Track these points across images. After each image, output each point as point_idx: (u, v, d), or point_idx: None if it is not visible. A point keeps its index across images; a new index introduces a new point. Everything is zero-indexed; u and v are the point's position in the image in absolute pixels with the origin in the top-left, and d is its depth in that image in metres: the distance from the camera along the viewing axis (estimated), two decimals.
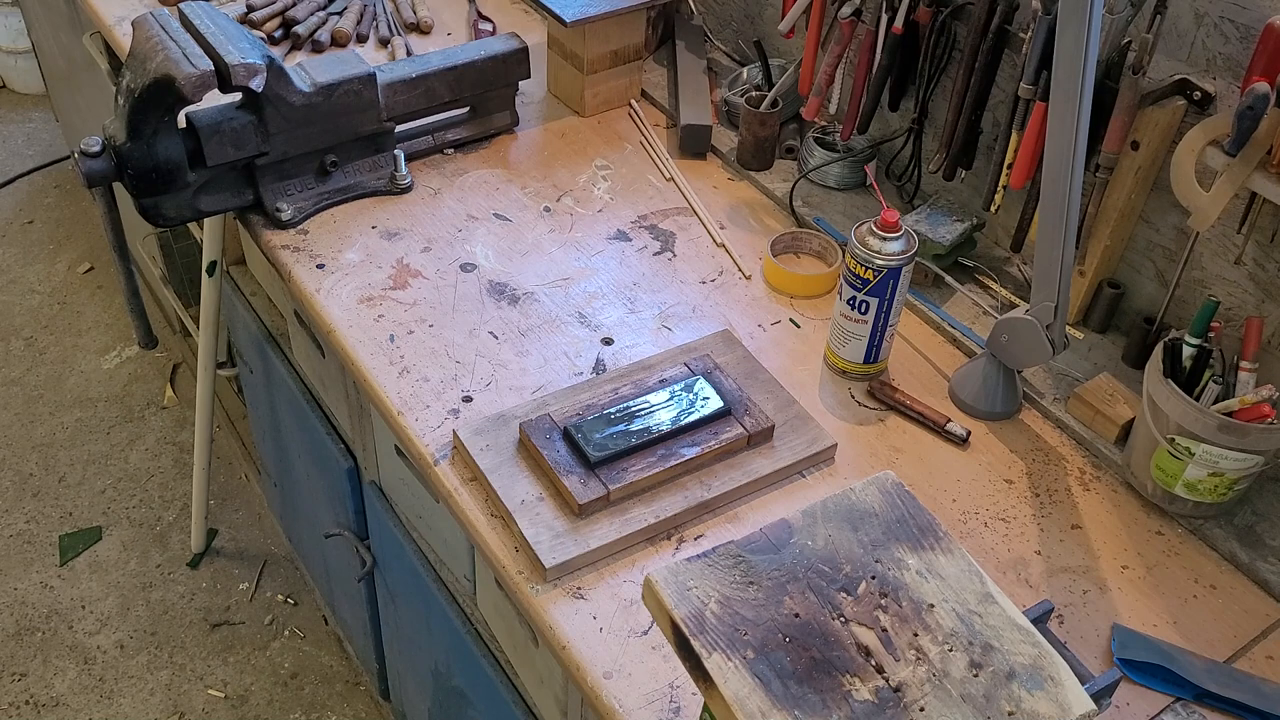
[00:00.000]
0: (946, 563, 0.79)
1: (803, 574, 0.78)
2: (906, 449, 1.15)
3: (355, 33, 1.68)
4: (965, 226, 1.32)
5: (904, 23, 1.30)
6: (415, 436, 1.12)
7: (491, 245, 1.36)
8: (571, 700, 1.13)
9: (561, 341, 1.24)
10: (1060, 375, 1.23)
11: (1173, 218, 1.19)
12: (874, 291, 1.14)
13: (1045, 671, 0.73)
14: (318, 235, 1.35)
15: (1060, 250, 1.06)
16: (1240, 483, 1.05)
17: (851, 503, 0.82)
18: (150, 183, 1.25)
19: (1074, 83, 0.97)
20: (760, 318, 1.29)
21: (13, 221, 3.07)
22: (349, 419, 1.50)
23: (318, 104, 1.31)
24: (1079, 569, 1.05)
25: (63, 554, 2.29)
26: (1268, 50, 1.00)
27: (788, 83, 1.49)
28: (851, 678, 0.72)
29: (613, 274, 1.33)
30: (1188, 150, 1.09)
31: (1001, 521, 1.09)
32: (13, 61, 3.42)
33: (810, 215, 1.43)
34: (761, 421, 1.10)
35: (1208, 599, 1.03)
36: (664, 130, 1.58)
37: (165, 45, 1.21)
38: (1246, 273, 1.14)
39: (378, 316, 1.25)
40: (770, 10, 1.63)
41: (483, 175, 1.47)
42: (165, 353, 2.69)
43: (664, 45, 1.72)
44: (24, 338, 2.74)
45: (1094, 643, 0.99)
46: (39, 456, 2.47)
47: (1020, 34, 1.20)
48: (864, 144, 1.47)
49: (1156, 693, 0.96)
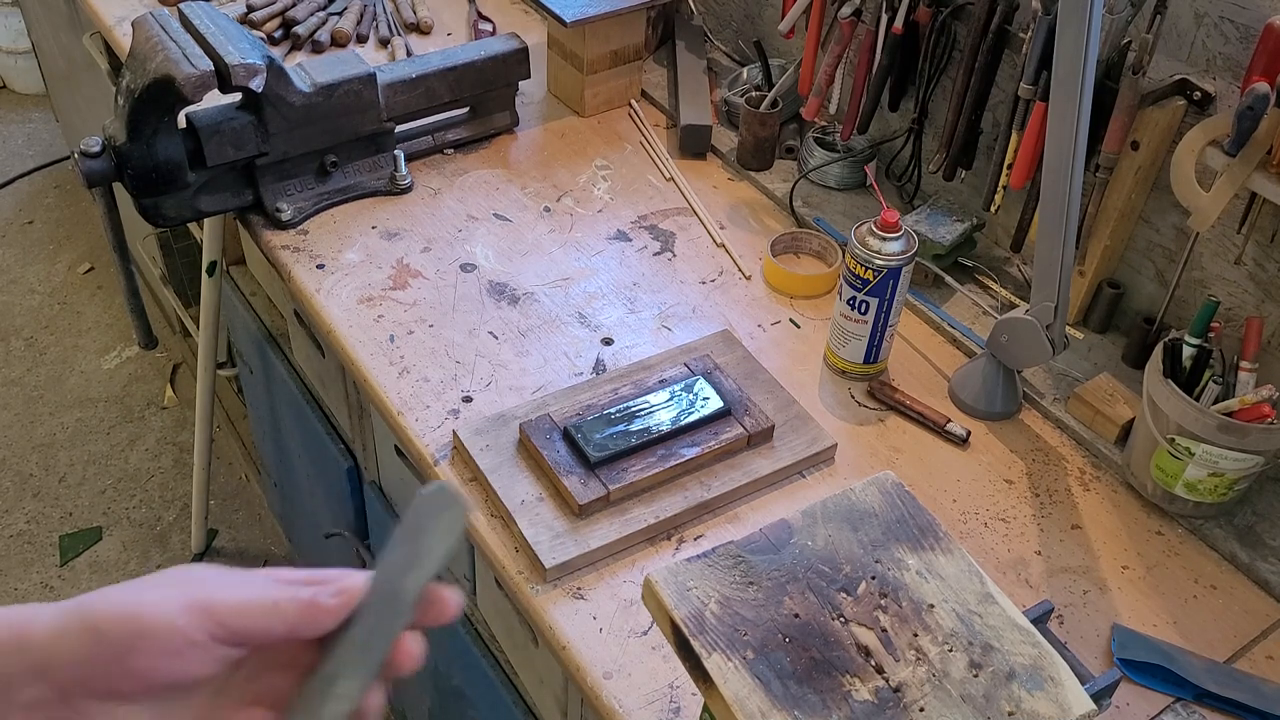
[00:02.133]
0: (946, 563, 0.79)
1: (802, 574, 0.77)
2: (906, 449, 1.15)
3: (355, 33, 1.68)
4: (965, 227, 1.32)
5: (904, 23, 1.30)
6: (415, 437, 1.12)
7: (491, 245, 1.36)
8: (571, 700, 1.13)
9: (561, 341, 1.24)
10: (1060, 375, 1.23)
11: (1173, 218, 1.19)
12: (874, 291, 1.14)
13: (1045, 672, 0.73)
14: (318, 235, 1.35)
15: (1060, 250, 1.06)
16: (1240, 483, 1.05)
17: (851, 503, 0.82)
18: (150, 183, 1.25)
19: (1074, 83, 0.97)
20: (760, 318, 1.29)
21: (13, 222, 3.07)
22: (349, 419, 1.50)
23: (318, 104, 1.31)
24: (1079, 569, 1.05)
25: (63, 554, 2.29)
26: (1267, 50, 1.00)
27: (788, 83, 1.49)
28: (851, 678, 0.72)
29: (613, 274, 1.33)
30: (1188, 150, 1.09)
31: (1001, 521, 1.09)
32: (13, 61, 3.42)
33: (810, 215, 1.43)
34: (761, 422, 1.10)
35: (1208, 599, 1.03)
36: (664, 130, 1.58)
37: (165, 45, 1.21)
38: (1246, 273, 1.14)
39: (378, 316, 1.25)
40: (770, 10, 1.63)
41: (483, 175, 1.47)
42: (165, 353, 2.69)
43: (664, 45, 1.72)
44: (24, 338, 2.74)
45: (1094, 643, 0.99)
46: (39, 457, 2.47)
47: (1020, 34, 1.20)
48: (864, 144, 1.47)
49: (1156, 693, 0.96)
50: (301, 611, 0.52)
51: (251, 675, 0.55)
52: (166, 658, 0.50)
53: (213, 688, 0.54)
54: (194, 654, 0.51)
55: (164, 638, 0.50)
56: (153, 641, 0.50)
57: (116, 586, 0.52)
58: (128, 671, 0.50)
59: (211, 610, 0.51)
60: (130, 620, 0.50)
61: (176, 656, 0.50)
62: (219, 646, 0.51)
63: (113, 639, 0.49)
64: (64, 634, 0.50)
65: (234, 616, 0.51)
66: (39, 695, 0.50)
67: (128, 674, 0.50)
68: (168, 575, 0.53)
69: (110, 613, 0.50)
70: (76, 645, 0.49)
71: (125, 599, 0.51)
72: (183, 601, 0.51)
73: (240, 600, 0.52)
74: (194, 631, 0.50)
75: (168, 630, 0.50)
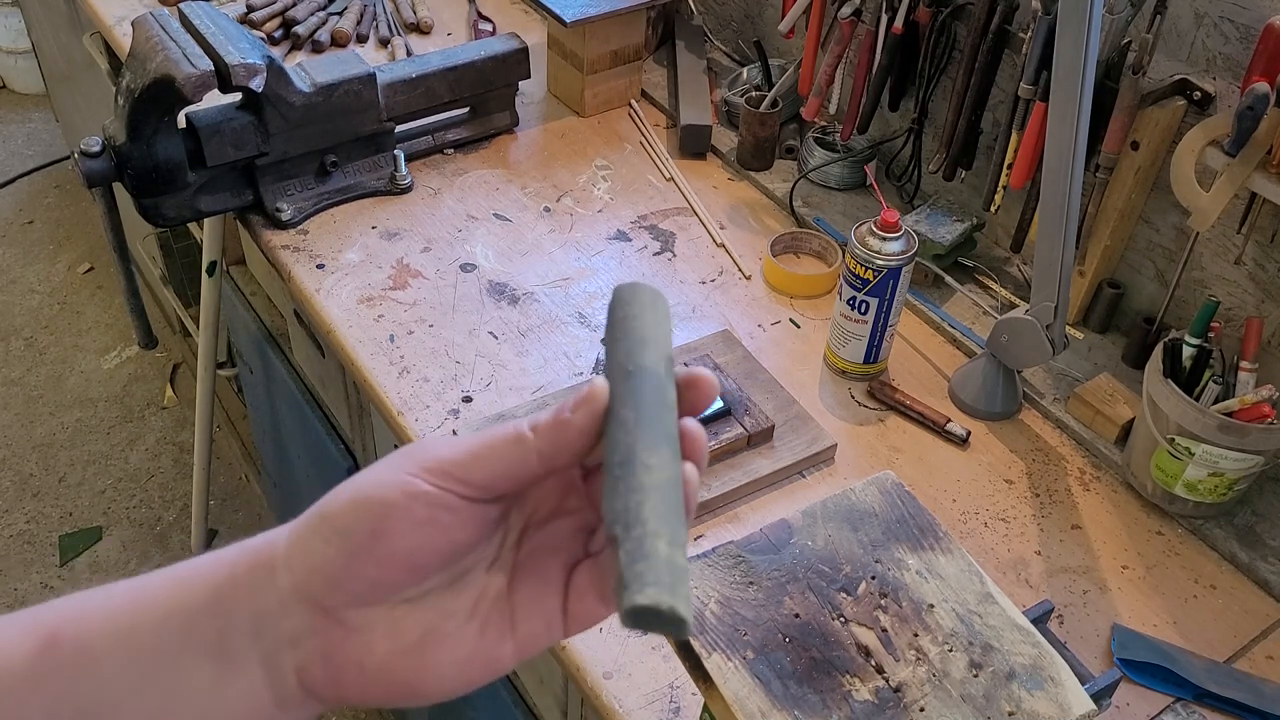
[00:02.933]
0: (946, 563, 0.79)
1: (802, 574, 0.77)
2: (906, 449, 1.15)
3: (355, 33, 1.68)
4: (965, 226, 1.32)
5: (904, 23, 1.30)
6: (416, 436, 1.12)
7: (491, 245, 1.36)
8: (571, 700, 1.13)
9: (561, 341, 1.24)
10: (1060, 375, 1.23)
11: (1173, 218, 1.19)
12: (874, 291, 1.14)
13: (1045, 672, 0.73)
14: (318, 235, 1.35)
15: (1060, 250, 1.06)
16: (1240, 483, 1.05)
17: (851, 503, 0.82)
18: (150, 183, 1.25)
19: (1074, 83, 0.97)
20: (760, 318, 1.29)
21: (13, 222, 3.07)
22: (349, 419, 1.50)
23: (318, 104, 1.31)
24: (1079, 569, 1.05)
25: (63, 554, 2.29)
26: (1267, 50, 1.00)
27: (788, 83, 1.49)
28: (851, 678, 0.72)
29: (613, 274, 1.33)
30: (1188, 150, 1.09)
31: (1001, 521, 1.09)
32: (13, 61, 3.42)
33: (810, 215, 1.43)
34: (761, 422, 1.10)
35: (1208, 599, 1.03)
36: (664, 130, 1.58)
37: (165, 45, 1.21)
38: (1246, 273, 1.14)
39: (378, 316, 1.25)
40: (770, 10, 1.63)
41: (483, 175, 1.47)
42: (165, 353, 2.69)
43: (664, 45, 1.72)
44: (24, 338, 2.74)
45: (1094, 643, 0.99)
46: (39, 457, 2.47)
47: (1020, 34, 1.20)
48: (864, 144, 1.47)
49: (1156, 693, 0.95)
50: (548, 435, 0.45)
51: (520, 543, 0.49)
52: (418, 528, 0.44)
53: (483, 564, 0.48)
54: (446, 518, 0.45)
55: (407, 507, 0.44)
56: (397, 517, 0.44)
57: (337, 488, 0.46)
58: (384, 558, 0.45)
59: (446, 468, 0.45)
60: (365, 505, 0.45)
61: (428, 525, 0.45)
62: (468, 506, 0.45)
63: (356, 530, 0.44)
64: (306, 547, 0.45)
65: (473, 466, 0.45)
66: (303, 623, 0.45)
67: (385, 561, 0.45)
68: (380, 462, 0.47)
69: (342, 507, 0.45)
70: (323, 551, 0.45)
71: (351, 492, 0.46)
72: (412, 469, 0.45)
73: (472, 448, 0.46)
74: (436, 493, 0.45)
75: (407, 499, 0.44)
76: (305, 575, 0.45)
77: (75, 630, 0.45)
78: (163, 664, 0.45)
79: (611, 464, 0.44)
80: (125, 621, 0.45)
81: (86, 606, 0.46)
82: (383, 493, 0.45)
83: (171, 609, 0.46)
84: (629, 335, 0.48)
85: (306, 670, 0.46)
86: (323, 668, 0.46)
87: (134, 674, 0.45)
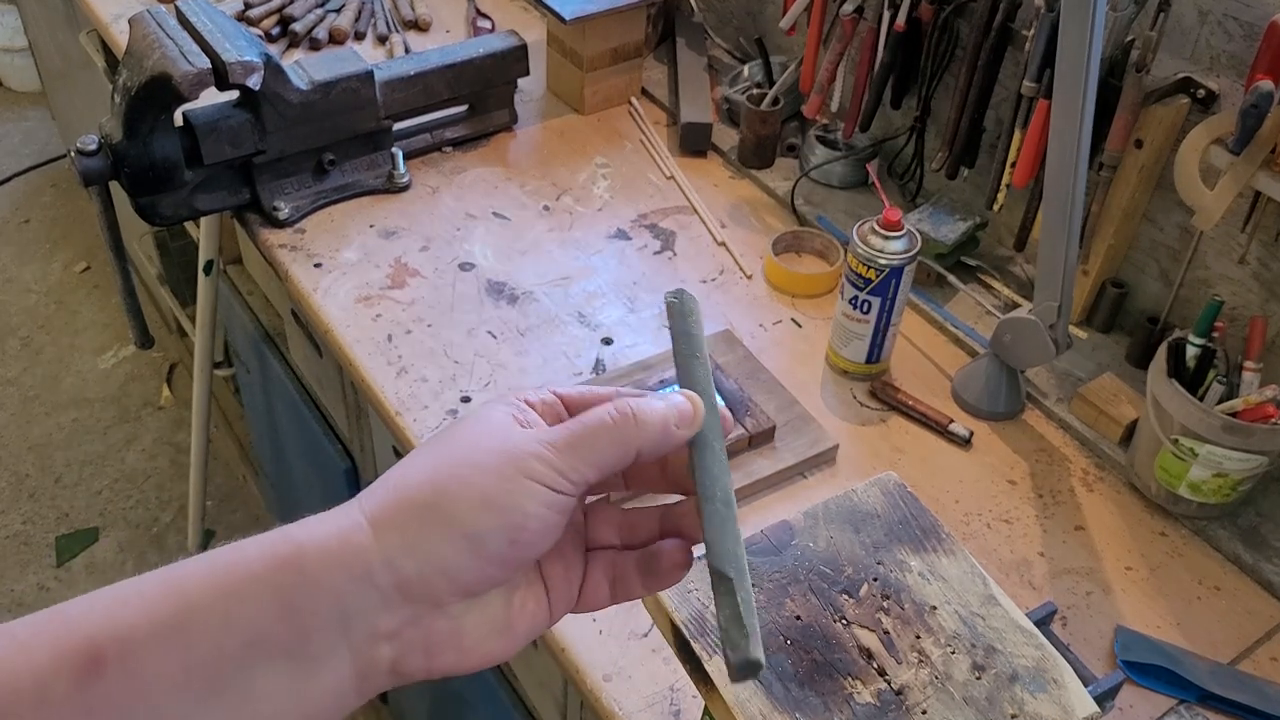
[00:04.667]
0: (949, 564, 0.78)
1: (804, 576, 0.77)
2: (909, 449, 1.14)
3: (353, 30, 1.67)
4: (968, 225, 1.31)
5: (906, 20, 1.29)
6: (414, 437, 1.11)
7: (490, 244, 1.35)
8: (571, 703, 1.12)
9: (561, 341, 1.23)
10: (1063, 375, 1.22)
11: (1176, 217, 1.19)
12: (876, 291, 1.13)
13: (1048, 674, 0.72)
14: (315, 234, 1.34)
15: (1064, 249, 1.05)
16: (1244, 483, 1.04)
17: (853, 504, 0.82)
18: (147, 181, 1.25)
19: (1077, 80, 0.97)
20: (761, 317, 1.29)
21: (9, 220, 3.06)
22: (347, 419, 1.49)
23: (315, 102, 1.30)
24: (1082, 570, 1.04)
25: (59, 555, 2.28)
26: (1272, 48, 1.00)
27: (789, 80, 1.48)
28: (853, 680, 0.71)
29: (612, 273, 1.32)
30: (1191, 149, 1.08)
31: (1004, 523, 1.08)
32: (9, 59, 3.42)
33: (812, 214, 1.42)
34: (763, 422, 1.09)
35: (1211, 600, 1.03)
36: (664, 128, 1.57)
37: (162, 43, 1.21)
38: (1251, 272, 1.14)
39: (375, 316, 1.24)
40: (771, 7, 1.62)
41: (481, 174, 1.46)
42: (162, 353, 2.68)
43: (664, 43, 1.71)
44: (20, 337, 2.73)
45: (1097, 645, 0.98)
46: (35, 457, 2.46)
47: (1023, 31, 1.19)
48: (866, 142, 1.47)
49: (1160, 695, 0.95)
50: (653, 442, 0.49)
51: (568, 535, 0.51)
52: (550, 533, 0.46)
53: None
54: (565, 517, 0.47)
55: (543, 516, 0.46)
56: (533, 529, 0.46)
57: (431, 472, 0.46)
58: (513, 562, 0.46)
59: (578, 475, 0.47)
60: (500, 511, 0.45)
61: (557, 528, 0.47)
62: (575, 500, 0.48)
63: (492, 538, 0.45)
64: (425, 549, 0.45)
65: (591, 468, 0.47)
66: (405, 617, 0.45)
67: (513, 563, 0.46)
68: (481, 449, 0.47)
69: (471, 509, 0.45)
70: (450, 555, 0.45)
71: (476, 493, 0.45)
72: (543, 472, 0.47)
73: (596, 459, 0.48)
74: (566, 500, 0.46)
75: (543, 508, 0.46)
76: (422, 575, 0.44)
77: (120, 650, 0.41)
78: (228, 677, 0.42)
79: (714, 497, 0.48)
80: (176, 637, 0.41)
81: (122, 617, 0.41)
82: (516, 500, 0.45)
83: (230, 617, 0.42)
84: (701, 350, 0.53)
85: (404, 659, 0.46)
86: (423, 655, 0.46)
87: (194, 692, 0.42)
